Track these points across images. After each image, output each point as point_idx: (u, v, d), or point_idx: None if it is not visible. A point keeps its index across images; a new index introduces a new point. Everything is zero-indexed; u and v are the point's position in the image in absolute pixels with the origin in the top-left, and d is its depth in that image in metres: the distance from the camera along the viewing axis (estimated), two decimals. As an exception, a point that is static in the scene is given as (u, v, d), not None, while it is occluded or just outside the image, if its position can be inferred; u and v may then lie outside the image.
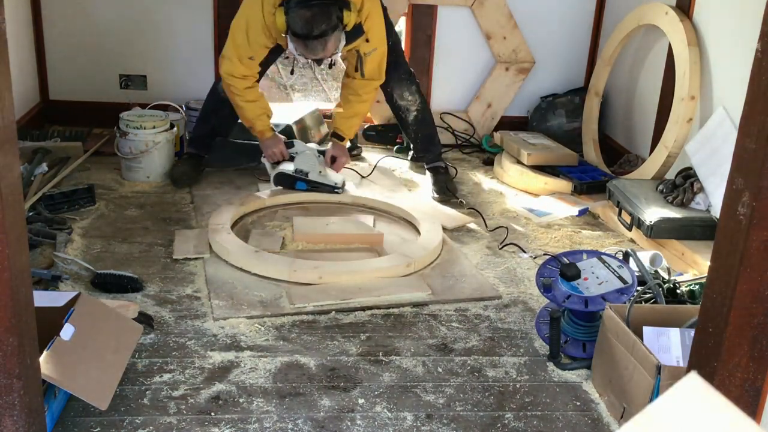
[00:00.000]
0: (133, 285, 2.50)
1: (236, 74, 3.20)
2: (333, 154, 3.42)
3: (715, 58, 3.21)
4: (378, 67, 3.34)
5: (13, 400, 1.50)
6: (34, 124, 4.00)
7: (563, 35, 4.39)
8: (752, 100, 1.38)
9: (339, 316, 2.45)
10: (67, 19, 4.09)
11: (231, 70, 3.21)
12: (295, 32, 2.97)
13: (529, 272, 2.81)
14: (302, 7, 2.93)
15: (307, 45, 2.99)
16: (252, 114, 3.30)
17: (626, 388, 1.94)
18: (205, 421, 1.89)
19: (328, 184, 3.36)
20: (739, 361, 1.49)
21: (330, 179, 3.36)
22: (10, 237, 1.39)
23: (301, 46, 3.02)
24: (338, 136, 3.45)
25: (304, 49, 3.03)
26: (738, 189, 1.41)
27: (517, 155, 3.86)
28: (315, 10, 2.93)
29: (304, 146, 3.39)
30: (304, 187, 3.35)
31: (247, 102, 3.28)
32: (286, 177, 3.36)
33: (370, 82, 3.36)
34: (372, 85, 3.38)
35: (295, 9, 2.94)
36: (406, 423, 1.94)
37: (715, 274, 1.51)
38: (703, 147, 3.07)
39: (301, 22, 2.94)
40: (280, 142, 3.37)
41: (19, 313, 1.46)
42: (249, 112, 3.30)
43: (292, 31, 2.98)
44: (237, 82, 3.23)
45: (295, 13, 2.94)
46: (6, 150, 1.38)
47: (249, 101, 3.28)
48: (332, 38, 2.99)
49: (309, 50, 3.02)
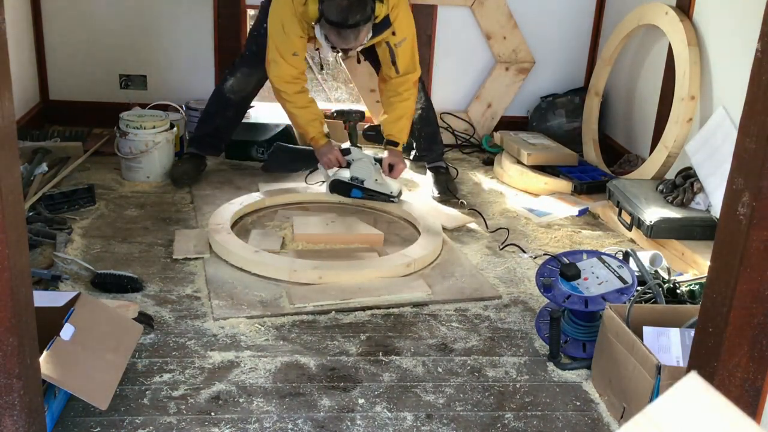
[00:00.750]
0: (133, 285, 2.50)
1: (285, 77, 3.16)
2: (390, 162, 3.34)
3: (715, 58, 3.21)
4: (411, 57, 3.31)
5: (13, 400, 1.50)
6: (34, 124, 4.00)
7: (563, 35, 4.39)
8: (752, 100, 1.38)
9: (339, 316, 2.45)
10: (67, 19, 4.09)
11: (280, 73, 3.17)
12: (330, 20, 2.94)
13: (529, 272, 2.81)
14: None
15: (340, 33, 2.98)
16: (304, 120, 3.25)
17: (626, 388, 1.94)
18: (205, 421, 1.89)
19: (384, 192, 3.30)
20: (739, 361, 1.49)
21: (386, 188, 3.31)
22: (10, 237, 1.39)
23: (333, 35, 3.00)
24: (392, 142, 3.38)
25: (336, 37, 3.00)
26: (738, 189, 1.41)
27: (517, 155, 3.86)
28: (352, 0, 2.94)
29: (361, 153, 3.31)
30: (360, 194, 3.29)
31: (298, 108, 3.23)
32: (341, 184, 3.30)
33: (407, 76, 3.32)
34: (410, 80, 3.34)
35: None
36: (406, 423, 1.94)
37: (715, 274, 1.51)
38: (703, 147, 3.07)
39: (336, 10, 2.93)
40: (335, 149, 3.30)
41: (19, 313, 1.46)
42: (301, 118, 3.25)
43: (327, 19, 2.95)
44: (287, 87, 3.19)
45: (331, 1, 2.93)
46: (6, 150, 1.38)
47: (300, 107, 3.23)
48: (364, 29, 2.99)
49: (342, 39, 3.00)
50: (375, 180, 3.29)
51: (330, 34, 3.01)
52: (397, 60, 3.27)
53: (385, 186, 3.31)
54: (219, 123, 3.57)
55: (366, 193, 3.30)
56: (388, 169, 3.34)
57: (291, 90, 3.19)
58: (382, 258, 2.80)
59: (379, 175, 3.30)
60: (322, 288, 2.57)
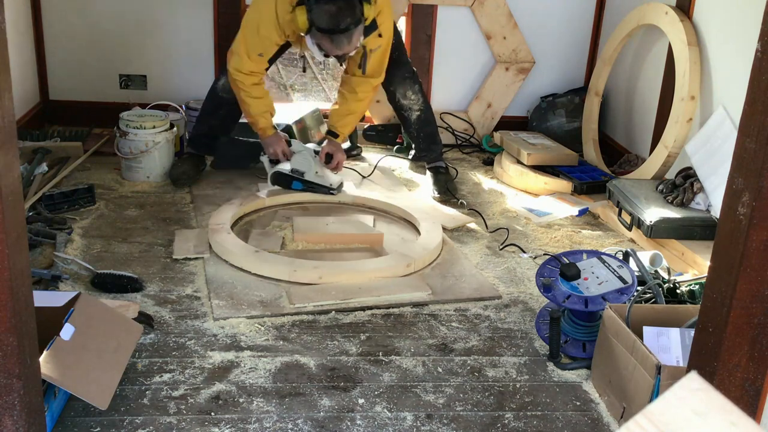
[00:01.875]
0: (133, 285, 2.50)
1: (244, 70, 3.19)
2: (327, 152, 3.41)
3: (715, 58, 3.21)
4: (380, 63, 3.33)
5: (13, 400, 1.50)
6: (34, 124, 4.00)
7: (563, 35, 4.39)
8: (752, 100, 1.38)
9: (339, 316, 2.45)
10: (67, 19, 4.09)
11: (239, 66, 3.19)
12: (321, 27, 2.94)
13: (529, 272, 2.81)
14: (326, 2, 2.92)
15: (333, 39, 2.98)
16: (256, 110, 3.28)
17: (626, 388, 1.94)
18: (205, 421, 1.89)
19: (323, 185, 3.33)
20: (739, 361, 1.49)
21: (326, 180, 3.34)
22: (10, 237, 1.39)
23: (326, 42, 3.00)
24: (333, 133, 3.44)
25: (329, 44, 3.00)
26: (738, 189, 1.41)
27: (517, 155, 3.86)
28: (340, 4, 2.93)
29: (301, 146, 3.36)
30: (300, 187, 3.33)
31: (252, 98, 3.26)
32: (282, 176, 3.34)
33: (369, 79, 3.35)
34: (371, 84, 3.37)
35: (319, 5, 2.93)
36: (406, 423, 1.94)
37: (715, 274, 1.51)
38: (703, 147, 3.07)
39: (326, 16, 2.93)
40: (282, 141, 3.35)
41: (19, 313, 1.46)
42: (253, 108, 3.28)
43: (317, 27, 2.95)
44: (244, 77, 3.21)
45: (319, 9, 2.93)
46: (6, 150, 1.38)
47: (254, 97, 3.26)
48: (356, 32, 2.99)
49: (335, 45, 3.00)
50: (315, 172, 3.32)
51: (323, 41, 3.00)
52: (367, 63, 3.28)
53: (325, 179, 3.34)
54: (213, 122, 3.59)
55: (306, 186, 3.33)
56: (325, 159, 3.39)
57: (248, 81, 3.23)
58: (381, 258, 2.80)
59: (320, 168, 3.34)
60: (322, 288, 2.57)
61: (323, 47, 3.04)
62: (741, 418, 0.64)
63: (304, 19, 2.97)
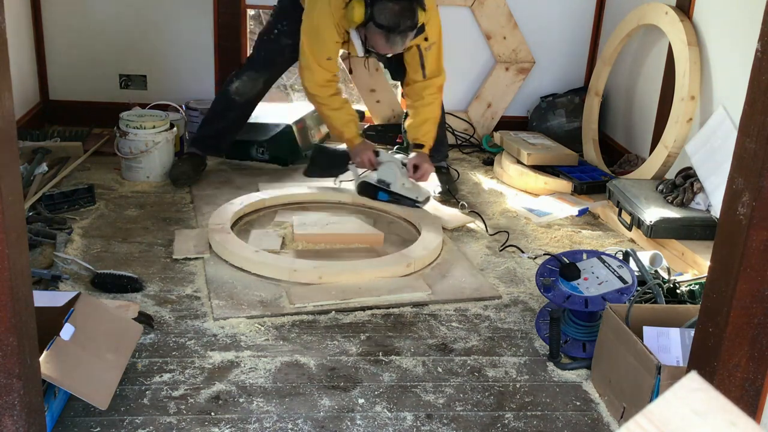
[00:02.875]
0: (133, 285, 2.50)
1: (320, 81, 3.14)
2: (415, 163, 3.31)
3: (715, 58, 3.21)
4: (437, 61, 3.29)
5: (13, 400, 1.50)
6: (34, 124, 4.00)
7: (563, 35, 4.39)
8: (752, 100, 1.38)
9: (339, 316, 2.45)
10: (67, 19, 4.10)
11: (315, 79, 3.14)
12: (381, 24, 2.93)
13: (529, 272, 2.81)
14: (389, 0, 2.92)
15: (389, 38, 2.97)
16: (339, 122, 3.24)
17: (626, 388, 1.94)
18: (205, 421, 1.89)
19: (409, 197, 3.27)
20: (739, 361, 1.49)
21: (413, 192, 3.27)
22: (10, 237, 1.39)
23: (380, 38, 2.98)
24: (418, 145, 3.36)
25: (383, 42, 2.99)
26: (738, 189, 1.41)
27: (517, 155, 3.86)
28: (403, 5, 2.93)
29: (389, 156, 3.30)
30: (386, 198, 3.27)
31: (333, 110, 3.22)
32: (369, 186, 3.29)
33: (432, 80, 3.30)
34: (434, 84, 3.32)
35: (382, 1, 2.92)
36: (406, 423, 1.94)
37: (715, 274, 1.51)
38: (703, 147, 3.07)
39: (389, 14, 2.92)
40: (369, 150, 3.29)
41: (19, 313, 1.46)
42: (336, 120, 3.24)
43: (377, 23, 2.93)
44: (321, 90, 3.16)
45: (383, 5, 2.92)
46: (6, 150, 1.38)
47: (335, 109, 3.22)
48: (411, 35, 3.01)
49: (389, 43, 3.00)
50: (402, 184, 3.26)
51: (377, 38, 2.99)
52: (425, 64, 3.25)
53: (412, 191, 3.27)
54: (222, 125, 3.56)
55: (392, 197, 3.27)
56: (413, 170, 3.31)
57: (325, 93, 3.18)
58: (382, 258, 2.80)
59: (406, 179, 3.27)
60: (322, 288, 2.57)
61: (373, 43, 3.04)
62: (741, 418, 0.64)
63: (362, 12, 2.94)
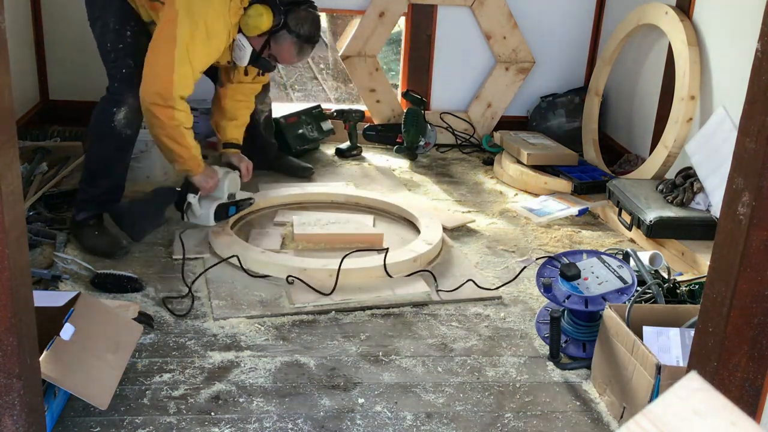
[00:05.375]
0: (133, 285, 2.50)
1: (188, 93, 2.66)
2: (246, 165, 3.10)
3: (715, 58, 3.22)
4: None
5: (13, 400, 1.50)
6: (34, 124, 4.00)
7: (563, 35, 4.39)
8: (752, 100, 1.38)
9: (339, 316, 2.45)
10: (67, 19, 4.09)
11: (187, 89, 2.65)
12: (299, 33, 2.78)
13: (529, 272, 2.81)
14: (306, 8, 2.80)
15: (302, 48, 2.83)
16: (192, 142, 2.72)
17: (626, 388, 1.94)
18: (205, 421, 1.89)
19: (247, 198, 3.04)
20: (739, 361, 1.49)
21: (246, 193, 3.06)
22: (10, 237, 1.39)
23: (293, 49, 2.82)
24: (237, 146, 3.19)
25: (294, 53, 2.83)
26: (738, 189, 1.41)
27: (517, 155, 3.86)
28: (315, 15, 2.85)
29: (221, 168, 2.97)
30: (234, 211, 2.97)
31: (188, 130, 2.69)
32: (222, 207, 2.90)
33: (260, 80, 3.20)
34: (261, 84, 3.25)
35: (296, 10, 2.78)
36: (406, 423, 1.94)
37: (715, 274, 1.50)
38: (703, 147, 3.07)
39: (309, 24, 2.79)
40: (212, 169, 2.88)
41: (19, 313, 1.46)
42: (190, 140, 2.70)
43: (294, 32, 2.77)
44: (186, 108, 2.66)
45: (300, 14, 2.78)
46: (6, 150, 1.38)
47: (189, 128, 2.69)
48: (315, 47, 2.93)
49: (301, 54, 2.86)
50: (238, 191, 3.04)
51: (286, 47, 2.81)
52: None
53: (246, 193, 3.08)
54: (119, 171, 2.83)
55: (237, 206, 2.99)
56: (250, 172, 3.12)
57: (188, 110, 2.69)
58: (380, 257, 2.79)
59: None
60: (322, 288, 2.56)
61: (278, 52, 2.83)
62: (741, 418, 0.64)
63: (271, 19, 2.73)
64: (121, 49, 2.74)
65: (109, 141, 2.76)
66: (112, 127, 2.72)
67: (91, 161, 2.80)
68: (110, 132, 2.73)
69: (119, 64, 2.73)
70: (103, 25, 2.75)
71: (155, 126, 2.66)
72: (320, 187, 3.49)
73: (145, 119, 2.70)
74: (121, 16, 2.74)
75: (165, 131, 2.66)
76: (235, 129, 3.19)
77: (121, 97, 2.72)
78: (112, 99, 2.74)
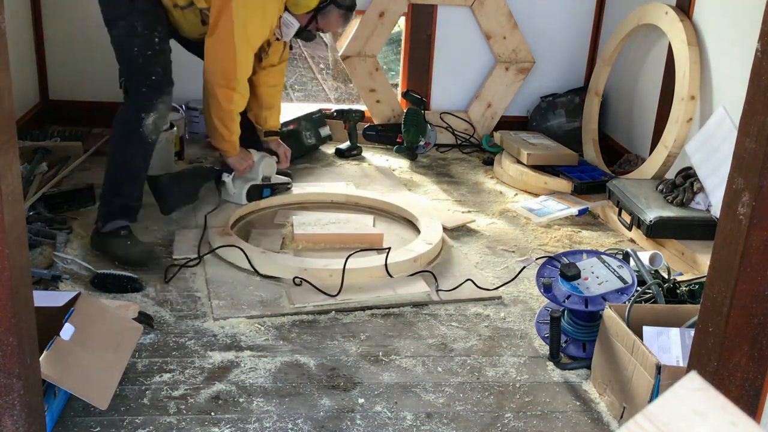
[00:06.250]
0: (133, 285, 2.50)
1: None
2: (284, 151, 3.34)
3: (715, 58, 3.22)
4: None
5: (13, 400, 1.50)
6: (34, 124, 4.00)
7: (563, 35, 4.39)
8: (752, 100, 1.38)
9: (339, 316, 2.45)
10: (67, 19, 4.09)
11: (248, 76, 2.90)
12: (345, 4, 2.97)
13: (529, 272, 2.81)
14: None
15: (347, 17, 3.03)
16: (237, 129, 2.98)
17: (626, 388, 1.94)
18: (205, 421, 1.89)
19: (284, 183, 3.27)
20: (739, 361, 1.49)
21: (284, 178, 3.29)
22: (10, 237, 1.39)
23: (338, 19, 3.01)
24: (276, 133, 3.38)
25: (338, 22, 3.04)
26: (738, 189, 1.41)
27: (517, 155, 3.86)
28: None
29: (256, 152, 3.18)
30: (269, 193, 3.19)
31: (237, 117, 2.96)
32: (255, 188, 3.13)
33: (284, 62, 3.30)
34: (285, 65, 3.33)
35: None
36: (406, 423, 1.94)
37: (715, 274, 1.51)
38: (703, 147, 3.07)
39: None
40: (246, 152, 3.12)
41: (19, 313, 1.46)
42: (236, 128, 2.98)
43: (340, 4, 2.95)
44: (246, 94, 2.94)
45: None
46: (6, 150, 1.38)
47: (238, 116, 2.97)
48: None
49: (344, 22, 3.07)
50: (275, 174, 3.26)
51: (334, 18, 3.00)
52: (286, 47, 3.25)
53: (283, 177, 3.29)
54: (143, 178, 2.84)
55: (273, 189, 3.22)
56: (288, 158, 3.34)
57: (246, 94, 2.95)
58: (379, 257, 2.79)
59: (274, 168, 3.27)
60: (321, 287, 2.56)
61: (325, 24, 3.03)
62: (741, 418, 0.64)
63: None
64: (150, 55, 2.70)
65: (137, 148, 2.72)
66: (141, 132, 2.69)
67: (115, 170, 2.75)
68: (139, 138, 2.70)
69: (149, 71, 2.70)
70: (129, 27, 2.69)
71: (212, 105, 2.88)
72: (320, 187, 3.49)
73: (204, 98, 2.91)
74: (149, 19, 2.71)
75: (218, 112, 2.88)
76: (274, 117, 3.33)
77: (150, 103, 2.69)
78: (141, 105, 2.69)
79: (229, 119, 2.92)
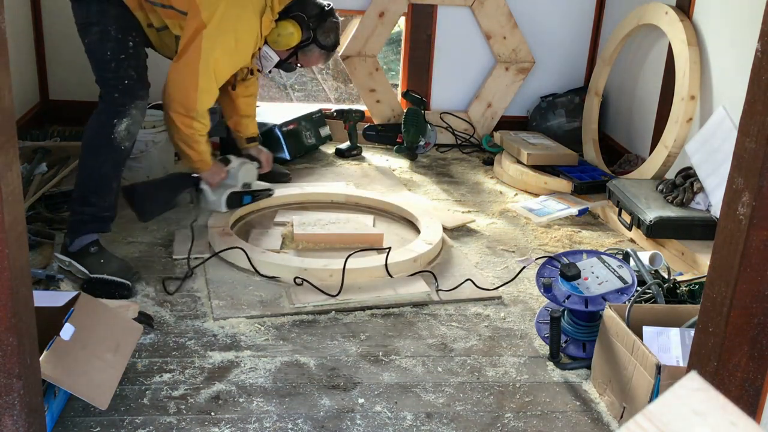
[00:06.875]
0: (121, 292, 2.45)
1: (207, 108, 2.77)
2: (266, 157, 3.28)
3: (715, 58, 3.22)
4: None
5: (13, 400, 1.50)
6: (34, 124, 4.00)
7: (563, 35, 4.39)
8: (752, 100, 1.38)
9: (339, 316, 2.45)
10: (67, 19, 4.07)
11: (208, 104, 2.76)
12: (326, 45, 3.01)
13: (529, 272, 2.81)
14: (326, 20, 2.98)
15: (329, 56, 3.09)
16: (204, 148, 2.85)
17: (626, 388, 1.94)
18: (205, 421, 1.89)
19: (265, 189, 3.23)
20: (739, 361, 1.49)
21: (264, 184, 3.24)
22: (10, 237, 1.39)
23: (319, 58, 3.07)
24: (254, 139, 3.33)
25: (324, 60, 3.10)
26: (738, 189, 1.41)
27: (517, 155, 3.86)
28: (338, 22, 3.06)
29: (235, 158, 3.12)
30: (250, 200, 3.14)
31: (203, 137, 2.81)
32: (234, 196, 3.07)
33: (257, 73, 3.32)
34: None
35: (325, 22, 2.97)
36: (405, 423, 1.94)
37: (715, 274, 1.50)
38: (703, 147, 3.07)
39: (333, 34, 3.01)
40: (219, 163, 3.03)
41: (19, 313, 1.46)
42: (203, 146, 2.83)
43: (322, 45, 2.99)
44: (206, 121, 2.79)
45: (326, 26, 2.98)
46: (6, 150, 1.38)
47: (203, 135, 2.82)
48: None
49: (327, 60, 3.14)
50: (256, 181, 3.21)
51: (315, 57, 3.05)
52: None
53: (263, 184, 3.26)
54: (114, 188, 2.66)
55: (253, 196, 3.16)
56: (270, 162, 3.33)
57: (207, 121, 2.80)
58: (379, 257, 2.79)
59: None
60: (321, 287, 2.56)
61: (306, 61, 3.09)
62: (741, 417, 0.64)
63: (299, 35, 2.93)
64: (123, 59, 2.62)
65: (107, 155, 2.58)
66: (112, 139, 2.57)
67: (85, 179, 2.59)
68: (109, 144, 2.57)
69: (121, 75, 2.61)
70: (102, 32, 2.61)
71: (171, 129, 2.78)
72: (320, 187, 3.49)
73: (164, 121, 2.82)
74: (122, 24, 2.63)
75: (180, 136, 2.77)
76: (252, 124, 3.33)
77: (123, 108, 2.59)
78: (113, 110, 2.60)
79: (192, 141, 2.77)
